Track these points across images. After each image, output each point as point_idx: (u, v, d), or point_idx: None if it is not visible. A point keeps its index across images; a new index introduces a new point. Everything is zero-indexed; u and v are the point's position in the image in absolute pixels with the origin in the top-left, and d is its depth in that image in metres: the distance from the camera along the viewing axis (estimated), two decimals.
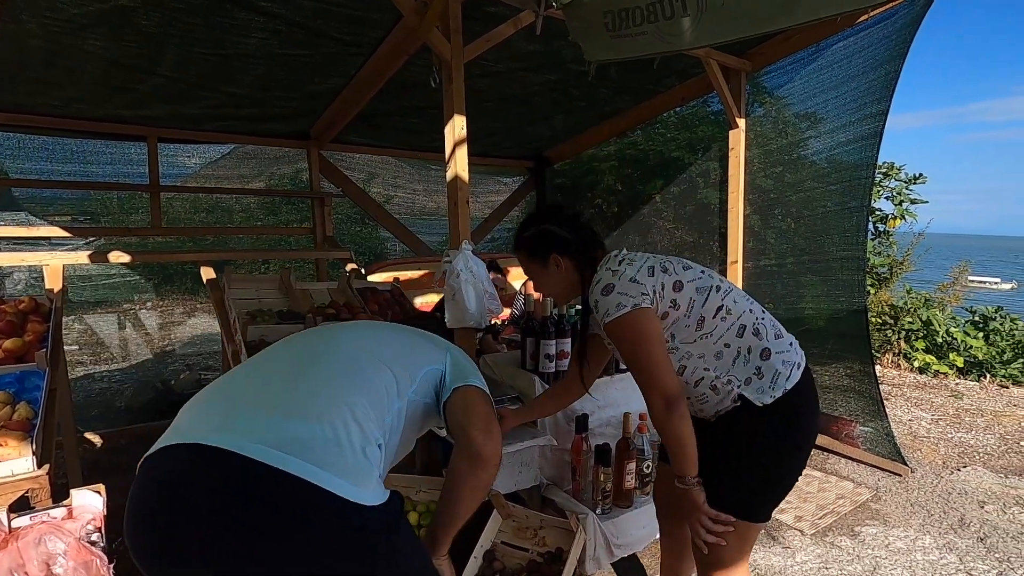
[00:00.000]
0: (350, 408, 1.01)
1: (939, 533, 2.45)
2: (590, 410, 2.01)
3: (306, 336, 1.31)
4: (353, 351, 1.18)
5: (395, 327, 1.45)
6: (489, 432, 1.18)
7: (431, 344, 1.34)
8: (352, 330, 1.32)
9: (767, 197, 3.46)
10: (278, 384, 1.07)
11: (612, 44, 1.97)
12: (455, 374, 1.27)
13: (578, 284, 1.48)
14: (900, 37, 2.68)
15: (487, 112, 3.65)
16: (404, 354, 1.24)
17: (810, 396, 1.40)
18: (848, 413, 3.20)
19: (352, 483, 0.93)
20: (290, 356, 1.18)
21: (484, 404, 1.24)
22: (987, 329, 5.65)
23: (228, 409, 1.02)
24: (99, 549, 1.56)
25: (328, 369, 1.11)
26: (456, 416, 1.21)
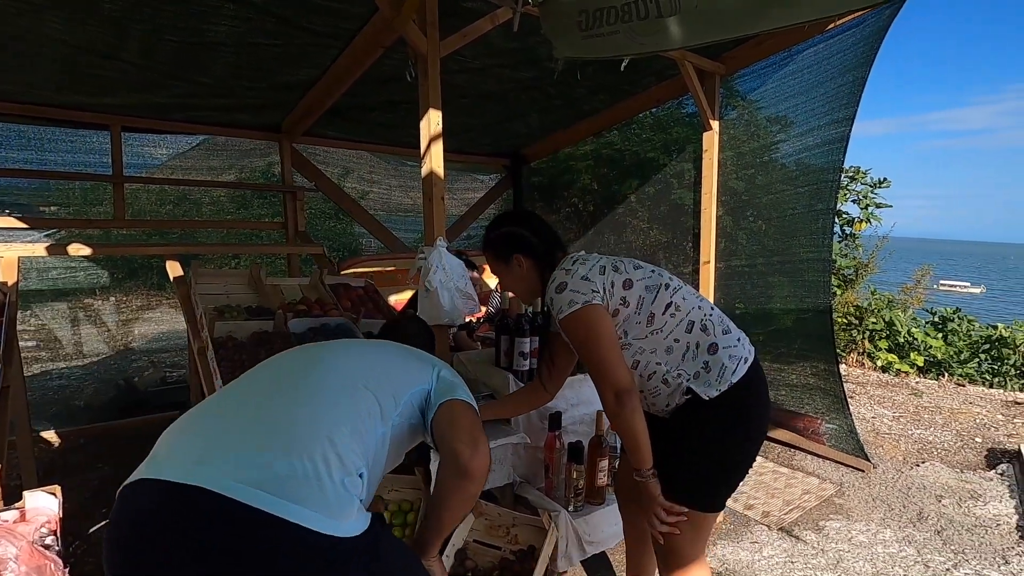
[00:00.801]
0: (330, 440, 1.00)
1: (899, 527, 2.53)
2: (563, 408, 2.02)
3: (288, 360, 1.26)
4: (336, 377, 1.15)
5: (380, 345, 1.40)
6: (475, 445, 1.17)
7: (417, 362, 1.32)
8: (335, 353, 1.27)
9: (739, 199, 3.53)
10: (258, 416, 1.04)
11: (583, 43, 1.97)
12: (441, 390, 1.26)
13: (539, 284, 1.55)
14: (867, 45, 2.76)
15: (464, 108, 3.62)
16: (389, 377, 1.22)
17: (759, 389, 1.45)
18: (814, 411, 3.29)
19: (330, 516, 0.92)
20: (271, 383, 1.15)
21: (470, 416, 1.23)
22: (946, 330, 5.87)
23: (206, 442, 0.99)
24: (54, 553, 1.50)
25: (309, 398, 1.08)
26: (442, 430, 1.20)
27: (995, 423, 3.87)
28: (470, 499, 1.21)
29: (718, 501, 1.45)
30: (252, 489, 0.89)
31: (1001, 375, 5.32)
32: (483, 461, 1.17)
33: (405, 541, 1.88)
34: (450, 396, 1.24)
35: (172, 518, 0.89)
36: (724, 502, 1.47)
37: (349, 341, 1.43)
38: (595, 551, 1.92)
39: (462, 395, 1.27)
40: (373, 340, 1.47)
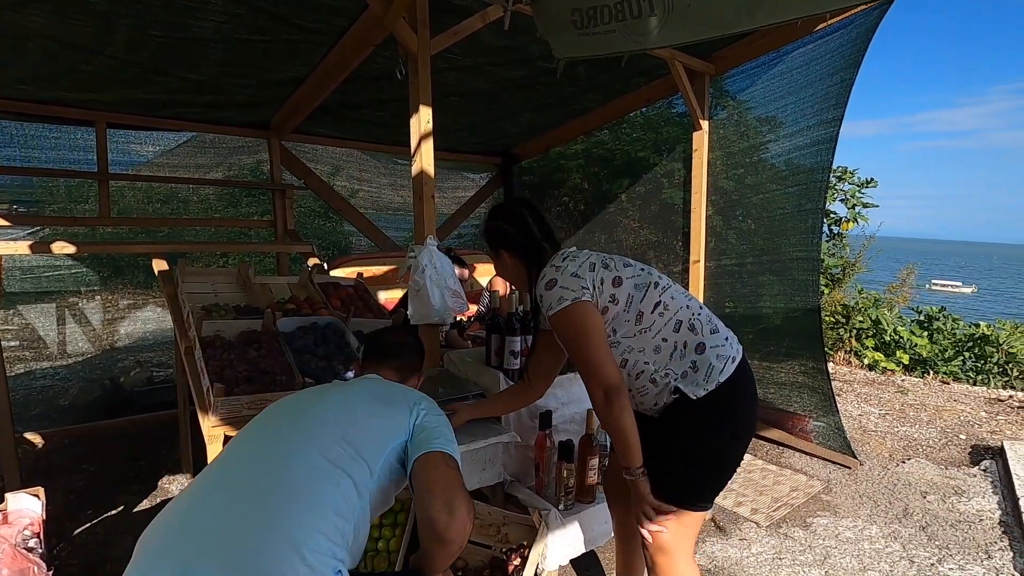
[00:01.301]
0: (301, 555, 0.99)
1: (885, 523, 2.56)
2: (554, 406, 2.02)
3: (263, 439, 1.23)
4: (307, 469, 1.12)
5: (357, 396, 1.33)
6: (451, 511, 1.13)
7: (396, 411, 1.29)
8: (307, 426, 1.22)
9: (729, 198, 3.55)
10: (229, 530, 1.02)
11: (580, 42, 1.98)
12: (418, 442, 1.23)
13: (526, 278, 1.56)
14: (856, 46, 2.79)
15: (454, 107, 3.62)
16: (363, 443, 1.19)
17: (746, 388, 1.46)
18: (802, 409, 3.32)
19: None
20: (244, 480, 1.12)
21: (446, 476, 1.18)
22: (931, 328, 5.95)
23: (182, 562, 0.98)
24: (37, 555, 1.48)
25: (279, 502, 1.05)
26: (418, 491, 1.17)
27: (978, 420, 3.93)
28: (454, 555, 1.20)
29: (706, 499, 1.45)
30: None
31: (984, 373, 5.41)
32: (460, 525, 1.13)
33: (395, 541, 1.87)
34: (426, 449, 1.21)
35: None
36: (712, 500, 1.48)
37: (324, 397, 1.33)
38: (586, 549, 1.93)
39: (439, 445, 1.22)
40: (352, 387, 1.39)
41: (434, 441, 1.23)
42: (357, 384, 1.42)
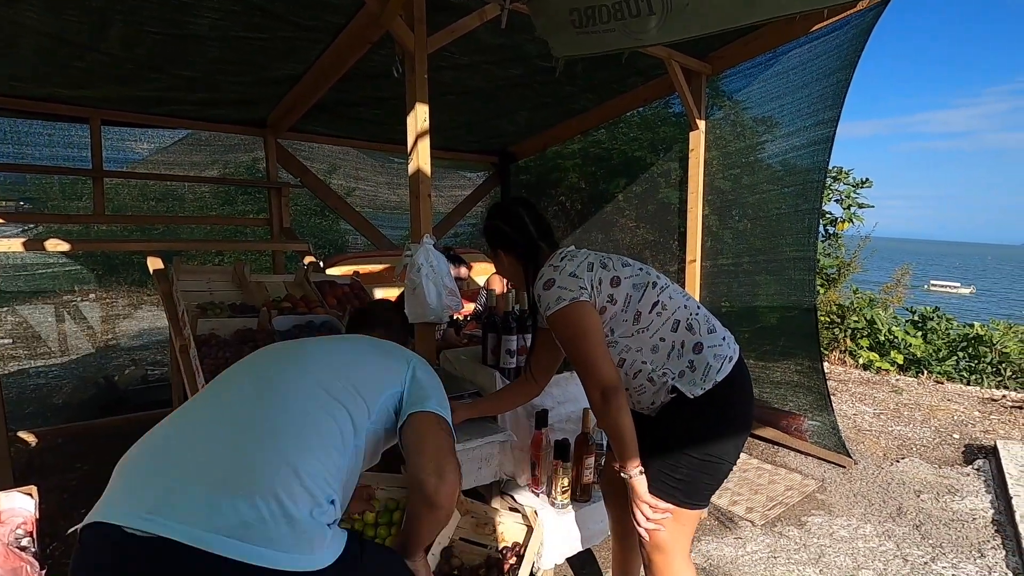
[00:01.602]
0: (297, 473, 0.96)
1: (879, 521, 2.57)
2: (550, 406, 2.02)
3: (256, 371, 1.18)
4: (304, 394, 1.09)
5: (354, 345, 1.33)
6: (441, 474, 1.11)
7: (392, 362, 1.28)
8: (304, 360, 1.19)
9: (725, 198, 3.56)
10: (220, 450, 0.98)
11: (579, 40, 1.97)
12: (412, 397, 1.21)
13: (523, 277, 1.57)
14: (851, 47, 2.79)
15: (451, 105, 3.61)
16: (362, 382, 1.17)
17: (743, 388, 1.46)
18: (797, 408, 3.33)
19: (302, 552, 0.91)
20: (236, 406, 1.08)
21: (438, 438, 1.16)
22: (925, 328, 5.98)
23: (165, 482, 0.93)
24: (30, 555, 1.47)
25: (273, 427, 1.02)
26: (409, 451, 1.15)
27: (972, 420, 3.95)
28: (442, 523, 1.19)
29: (703, 498, 1.46)
30: (218, 536, 0.86)
31: (978, 373, 5.44)
32: (450, 490, 1.12)
33: (391, 540, 1.87)
34: (420, 407, 1.19)
35: (138, 570, 0.86)
36: (708, 499, 1.49)
37: (320, 340, 1.33)
38: (582, 547, 1.93)
39: (433, 406, 1.20)
40: (347, 337, 1.40)
41: (428, 400, 1.21)
42: (352, 336, 1.41)
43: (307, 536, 0.93)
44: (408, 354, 1.34)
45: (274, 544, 0.88)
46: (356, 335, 1.46)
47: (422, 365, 1.31)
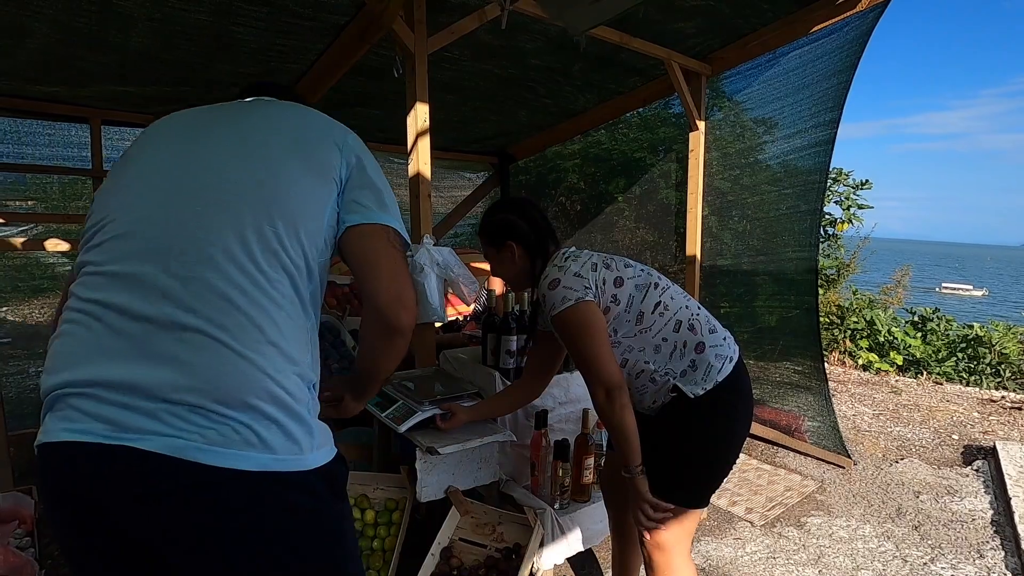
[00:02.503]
0: (275, 380, 0.81)
1: (878, 522, 2.58)
2: (550, 406, 2.02)
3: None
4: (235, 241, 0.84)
5: (265, 138, 0.96)
6: (401, 300, 0.94)
7: (323, 157, 0.96)
8: (215, 193, 0.88)
9: (724, 199, 3.56)
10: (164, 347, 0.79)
11: (592, 10, 1.95)
12: (351, 202, 0.96)
13: (529, 273, 1.55)
14: (851, 49, 2.80)
15: (450, 105, 3.61)
16: (293, 211, 0.89)
17: (743, 388, 1.47)
18: (797, 408, 3.33)
19: (301, 452, 0.82)
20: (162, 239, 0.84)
21: (391, 256, 0.96)
22: (925, 329, 5.98)
23: (124, 374, 0.77)
24: (30, 555, 1.47)
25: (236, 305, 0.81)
26: (359, 269, 0.95)
27: (971, 421, 3.95)
28: (402, 351, 1.03)
29: (703, 498, 1.47)
30: (205, 447, 0.75)
31: (977, 374, 5.44)
32: (411, 316, 0.97)
33: (390, 541, 1.87)
34: (366, 218, 0.95)
35: (118, 497, 0.76)
36: (708, 498, 1.50)
37: (216, 142, 0.95)
38: (581, 548, 1.93)
39: (384, 217, 0.97)
40: (245, 126, 0.98)
41: (375, 211, 0.96)
42: (254, 115, 1.01)
43: (299, 435, 0.84)
44: (337, 132, 1.01)
45: (269, 446, 0.81)
46: (257, 109, 1.05)
47: (359, 145, 1.02)
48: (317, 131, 0.99)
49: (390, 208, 0.99)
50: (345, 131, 1.02)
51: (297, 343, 0.86)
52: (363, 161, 0.99)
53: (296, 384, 0.84)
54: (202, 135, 0.95)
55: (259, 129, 0.96)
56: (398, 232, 0.98)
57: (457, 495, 1.83)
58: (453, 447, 1.69)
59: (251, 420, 0.78)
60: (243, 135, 0.95)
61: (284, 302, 0.85)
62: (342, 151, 0.97)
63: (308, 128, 0.99)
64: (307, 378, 0.88)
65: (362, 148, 1.02)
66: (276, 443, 0.79)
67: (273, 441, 0.79)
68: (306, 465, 0.82)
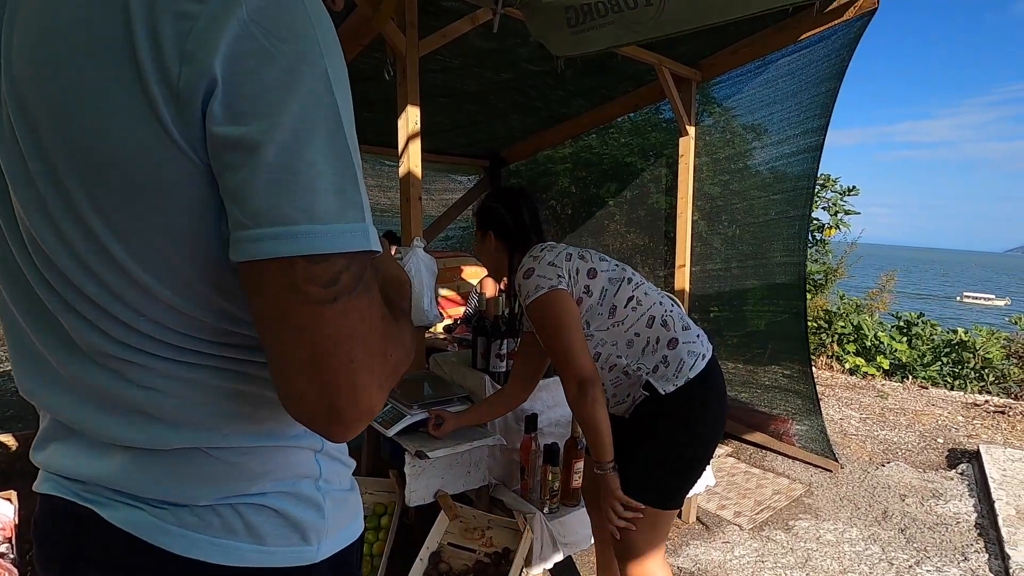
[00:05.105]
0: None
1: (865, 525, 2.60)
2: (540, 410, 2.02)
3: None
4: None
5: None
6: (332, 407, 0.47)
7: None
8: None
9: (714, 204, 3.58)
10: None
11: (574, 40, 1.99)
12: (237, 187, 0.43)
13: (505, 264, 1.58)
14: (839, 57, 2.83)
15: (442, 108, 3.61)
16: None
17: (715, 386, 1.48)
18: (786, 412, 3.35)
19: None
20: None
21: (322, 326, 0.44)
22: (910, 334, 6.06)
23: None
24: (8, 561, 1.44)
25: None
26: (268, 353, 0.47)
27: (956, 424, 4.00)
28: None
29: (675, 498, 1.46)
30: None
31: (961, 378, 5.52)
32: (359, 421, 0.49)
33: (378, 547, 1.85)
34: (251, 251, 0.43)
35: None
36: (682, 499, 1.49)
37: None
38: (571, 552, 1.93)
39: (294, 244, 0.42)
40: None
41: (285, 205, 0.42)
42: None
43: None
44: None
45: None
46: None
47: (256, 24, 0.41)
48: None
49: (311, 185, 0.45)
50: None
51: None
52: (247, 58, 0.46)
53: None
54: None
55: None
56: (318, 252, 0.43)
57: (446, 499, 1.82)
58: (442, 451, 1.69)
59: (238, 499, 0.56)
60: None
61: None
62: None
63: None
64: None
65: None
66: (267, 530, 0.56)
67: (263, 527, 0.56)
68: (308, 559, 0.58)
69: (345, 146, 0.46)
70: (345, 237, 0.44)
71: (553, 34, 2.03)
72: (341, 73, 0.47)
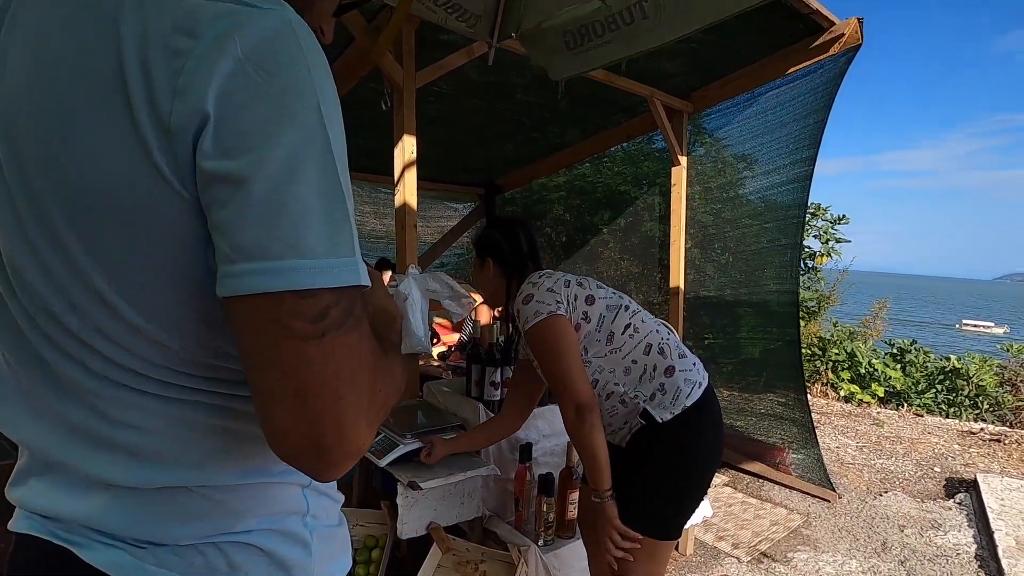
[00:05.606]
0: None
1: (864, 557, 2.55)
2: (535, 439, 1.99)
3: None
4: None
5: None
6: (319, 444, 0.45)
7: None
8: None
9: (707, 232, 3.62)
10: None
11: (575, 60, 2.04)
12: (232, 235, 0.42)
13: (503, 291, 1.59)
14: (825, 90, 2.91)
15: (438, 138, 3.66)
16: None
17: (711, 415, 1.47)
18: (782, 441, 3.33)
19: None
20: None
21: (308, 362, 0.43)
22: (904, 361, 6.07)
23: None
24: None
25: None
26: (253, 389, 0.45)
27: (952, 453, 3.98)
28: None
29: (673, 528, 1.45)
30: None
31: (956, 405, 5.51)
32: (348, 459, 0.47)
33: None
34: (237, 287, 0.42)
35: None
36: (680, 530, 1.48)
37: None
38: None
39: (281, 280, 0.42)
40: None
41: (273, 241, 0.42)
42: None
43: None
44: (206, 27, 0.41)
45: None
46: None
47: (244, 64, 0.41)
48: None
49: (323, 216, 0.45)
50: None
51: None
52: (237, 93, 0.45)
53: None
54: None
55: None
56: (307, 287, 0.43)
57: (439, 532, 1.78)
58: (435, 481, 1.66)
59: (221, 537, 0.54)
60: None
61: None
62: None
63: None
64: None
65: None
66: (251, 569, 0.55)
67: (247, 566, 0.54)
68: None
69: (336, 181, 0.46)
70: (334, 272, 0.44)
71: (553, 58, 2.08)
72: (334, 109, 0.48)
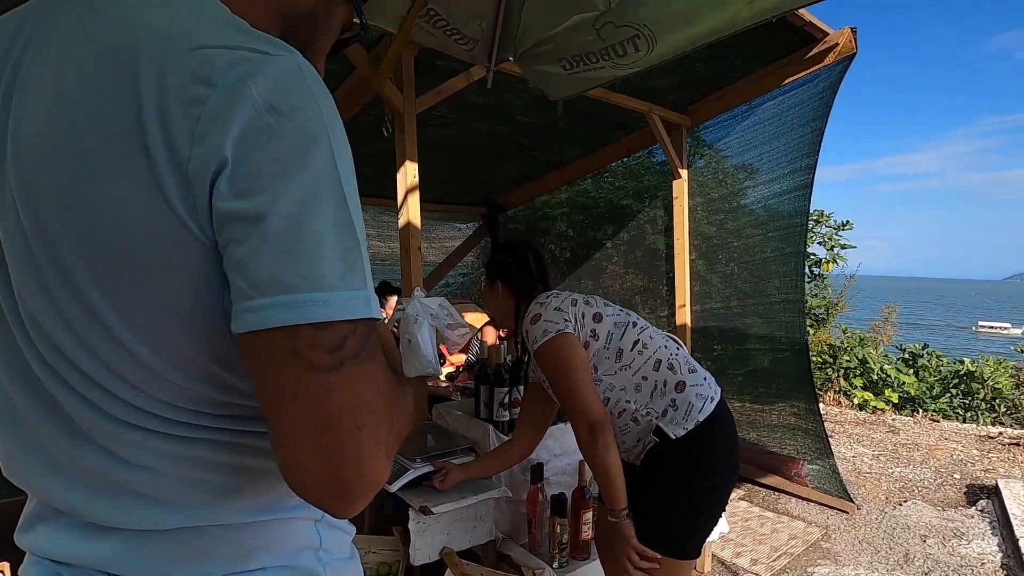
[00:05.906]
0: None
1: (887, 569, 2.50)
2: (546, 459, 1.98)
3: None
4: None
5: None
6: (339, 480, 0.44)
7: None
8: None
9: (711, 243, 3.62)
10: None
11: (573, 80, 2.09)
12: (245, 274, 0.43)
13: (512, 312, 1.61)
14: (822, 99, 2.93)
15: (439, 161, 3.70)
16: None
17: (725, 429, 1.46)
18: (796, 452, 3.28)
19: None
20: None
21: (327, 392, 0.43)
22: (916, 366, 6.00)
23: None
24: None
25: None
26: (270, 425, 0.45)
27: (971, 458, 3.91)
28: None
29: (691, 548, 1.43)
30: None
31: (972, 409, 5.43)
32: (363, 497, 0.47)
33: None
34: (249, 323, 0.42)
35: None
36: (699, 549, 1.46)
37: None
38: None
39: (298, 312, 0.42)
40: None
41: (287, 274, 0.42)
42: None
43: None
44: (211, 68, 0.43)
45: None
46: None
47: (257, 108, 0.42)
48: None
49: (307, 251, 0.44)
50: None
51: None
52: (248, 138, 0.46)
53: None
54: None
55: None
56: (323, 319, 0.43)
57: (452, 557, 1.76)
58: (447, 506, 1.65)
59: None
60: None
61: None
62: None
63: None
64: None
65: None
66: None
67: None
68: None
69: (348, 218, 0.47)
70: (350, 304, 0.44)
71: (550, 79, 2.12)
72: (343, 147, 0.49)
